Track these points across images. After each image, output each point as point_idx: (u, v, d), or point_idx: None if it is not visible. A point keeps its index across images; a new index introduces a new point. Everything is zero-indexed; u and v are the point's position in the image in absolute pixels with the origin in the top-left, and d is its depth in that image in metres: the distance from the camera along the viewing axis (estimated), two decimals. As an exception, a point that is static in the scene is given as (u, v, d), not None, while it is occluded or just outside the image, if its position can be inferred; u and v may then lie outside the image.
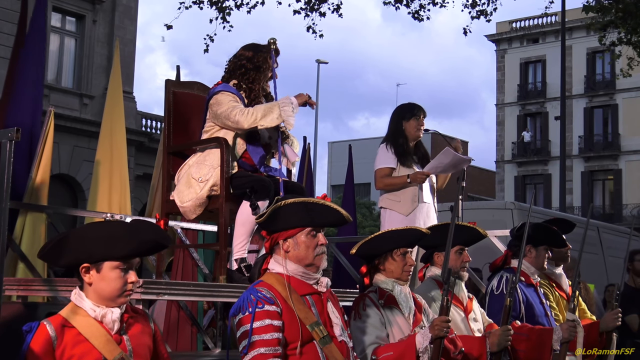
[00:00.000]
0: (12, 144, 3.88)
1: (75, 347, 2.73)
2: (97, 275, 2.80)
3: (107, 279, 2.80)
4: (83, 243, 2.80)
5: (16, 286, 4.38)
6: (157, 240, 2.91)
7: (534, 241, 4.86)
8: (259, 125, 4.58)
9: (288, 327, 3.15)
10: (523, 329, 4.46)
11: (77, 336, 2.75)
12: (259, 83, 4.83)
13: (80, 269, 2.81)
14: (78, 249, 2.80)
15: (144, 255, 2.91)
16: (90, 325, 2.78)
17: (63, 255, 2.82)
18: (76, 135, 18.05)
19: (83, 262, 2.80)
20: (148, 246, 2.90)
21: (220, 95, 4.72)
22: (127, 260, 2.82)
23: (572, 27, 33.80)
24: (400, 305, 3.85)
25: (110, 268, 2.80)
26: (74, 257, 2.81)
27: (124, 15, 19.77)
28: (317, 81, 29.81)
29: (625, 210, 33.95)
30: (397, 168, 5.83)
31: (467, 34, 13.74)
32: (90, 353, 2.75)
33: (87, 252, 2.79)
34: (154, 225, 2.97)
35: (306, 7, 13.49)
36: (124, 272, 2.82)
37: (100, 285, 2.80)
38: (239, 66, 4.82)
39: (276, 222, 3.30)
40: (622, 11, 13.03)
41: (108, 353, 2.76)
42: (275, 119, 4.57)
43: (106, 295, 2.81)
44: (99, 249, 2.78)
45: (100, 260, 2.79)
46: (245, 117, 4.58)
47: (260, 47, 4.86)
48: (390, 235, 3.97)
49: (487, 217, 10.51)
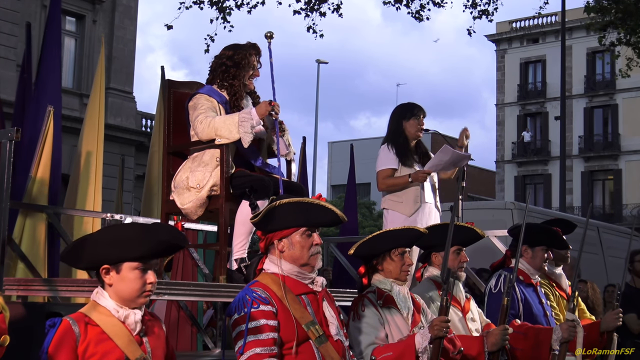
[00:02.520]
0: (12, 144, 3.89)
1: (99, 345, 2.77)
2: (117, 276, 2.85)
3: (126, 280, 2.85)
4: (102, 245, 2.86)
5: (16, 286, 4.38)
6: (173, 241, 2.95)
7: (530, 241, 4.86)
8: (217, 139, 4.62)
9: (284, 327, 3.16)
10: (522, 328, 4.45)
11: (101, 334, 2.79)
12: (240, 80, 4.88)
13: (101, 270, 2.87)
14: (97, 251, 2.86)
15: (160, 256, 2.97)
16: (113, 324, 2.83)
17: (83, 257, 2.88)
18: (76, 135, 17.93)
19: (103, 264, 2.85)
20: (164, 247, 2.95)
21: (196, 100, 4.79)
22: (145, 261, 2.87)
23: (572, 27, 33.78)
24: (399, 305, 3.85)
25: (129, 269, 2.85)
26: (93, 259, 2.88)
27: (124, 15, 19.76)
28: (317, 81, 29.86)
29: (625, 210, 33.94)
30: (398, 168, 5.82)
31: (472, 35, 13.73)
32: (113, 352, 2.79)
33: (105, 253, 2.85)
34: (170, 227, 3.04)
35: (306, 7, 13.49)
36: (142, 272, 2.86)
37: (120, 286, 2.85)
38: (220, 64, 4.91)
39: (271, 223, 3.31)
40: (622, 11, 13.04)
41: (130, 353, 2.80)
42: (233, 135, 4.58)
43: (126, 295, 2.86)
44: (117, 250, 2.84)
45: (119, 261, 2.84)
46: (203, 129, 4.66)
47: (240, 45, 4.95)
48: (388, 235, 3.96)
49: (487, 217, 10.53)
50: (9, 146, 3.92)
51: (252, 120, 4.57)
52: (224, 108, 4.83)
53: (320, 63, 29.99)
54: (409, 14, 13.57)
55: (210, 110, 4.72)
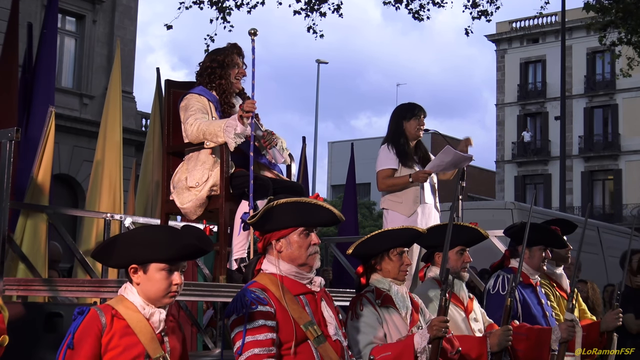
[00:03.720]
0: (12, 144, 3.89)
1: (123, 339, 2.84)
2: (144, 276, 2.93)
3: (153, 280, 2.93)
4: (131, 245, 2.95)
5: (16, 286, 4.38)
6: (198, 245, 3.03)
7: (528, 241, 4.85)
8: (206, 142, 4.71)
9: (282, 327, 3.16)
10: (522, 329, 4.45)
11: (126, 328, 2.87)
12: (226, 79, 4.99)
13: (129, 269, 2.95)
14: (126, 251, 2.94)
15: (187, 259, 3.04)
16: (139, 320, 2.90)
17: (113, 256, 2.97)
18: (76, 135, 18.05)
19: (131, 263, 2.94)
20: (190, 250, 3.02)
21: (187, 100, 4.88)
22: (172, 263, 2.95)
23: (572, 27, 33.78)
24: (397, 305, 3.85)
25: (156, 270, 2.93)
26: (123, 258, 2.96)
27: (124, 15, 19.77)
28: (317, 81, 29.87)
29: (625, 210, 33.94)
30: (398, 168, 5.82)
31: (469, 35, 13.76)
32: (135, 347, 2.86)
33: (134, 253, 2.93)
34: (198, 231, 3.10)
35: (306, 7, 13.49)
36: (169, 273, 2.94)
37: (147, 286, 2.93)
38: (205, 68, 5.03)
39: (269, 223, 3.31)
40: (623, 11, 13.04)
41: (152, 350, 2.87)
42: (219, 140, 4.66)
43: (152, 295, 2.93)
44: (145, 251, 2.92)
45: (147, 262, 2.93)
46: (192, 132, 4.75)
47: (221, 48, 5.11)
48: (386, 234, 3.96)
49: (487, 217, 10.52)
50: (9, 146, 3.92)
51: (237, 127, 4.61)
52: (215, 106, 4.90)
53: (320, 63, 30.02)
54: (409, 13, 13.58)
55: (200, 112, 4.80)
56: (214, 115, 4.86)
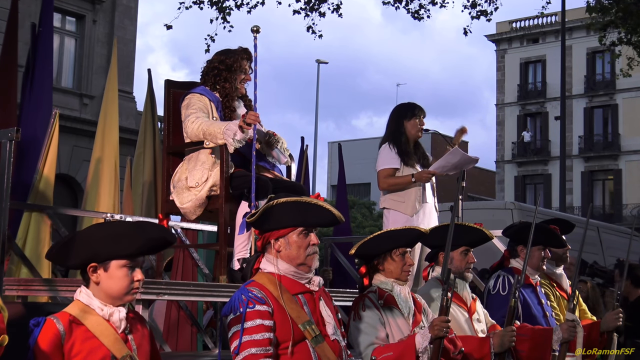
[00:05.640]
0: (12, 144, 3.88)
1: (84, 344, 2.80)
2: (105, 274, 2.88)
3: (114, 278, 2.88)
4: (90, 243, 2.89)
5: (16, 286, 4.38)
6: (165, 237, 3.00)
7: (525, 241, 4.85)
8: (205, 142, 4.71)
9: (279, 327, 3.15)
10: (523, 329, 4.45)
11: (86, 333, 2.82)
12: (232, 82, 4.97)
13: (88, 268, 2.90)
14: (86, 249, 2.89)
15: (149, 253, 3.02)
16: (99, 323, 2.86)
17: (71, 255, 2.91)
18: (76, 135, 18.03)
19: (91, 262, 2.88)
20: (155, 243, 2.99)
21: (188, 99, 4.87)
22: (133, 259, 2.90)
23: (572, 27, 33.79)
24: (400, 305, 3.85)
25: (117, 267, 2.88)
26: (82, 257, 2.90)
27: (124, 15, 19.76)
28: (317, 82, 29.87)
29: (625, 210, 33.94)
30: (400, 168, 5.81)
31: (468, 34, 13.77)
32: (98, 350, 2.81)
33: (94, 251, 2.88)
34: (158, 225, 3.06)
35: (306, 7, 13.49)
36: (130, 270, 2.90)
37: (108, 284, 2.88)
38: (212, 68, 5.00)
39: (268, 222, 3.30)
40: (623, 11, 13.04)
41: (117, 351, 2.83)
42: (217, 141, 4.66)
43: (114, 293, 2.89)
44: (107, 247, 2.87)
45: (108, 259, 2.87)
46: (192, 130, 4.74)
47: (232, 50, 5.05)
48: (389, 235, 3.96)
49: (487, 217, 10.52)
50: (9, 146, 3.92)
51: (237, 134, 4.61)
52: (216, 106, 4.90)
53: (320, 63, 30.02)
54: (408, 13, 13.58)
55: (201, 111, 4.80)
56: (215, 116, 4.87)
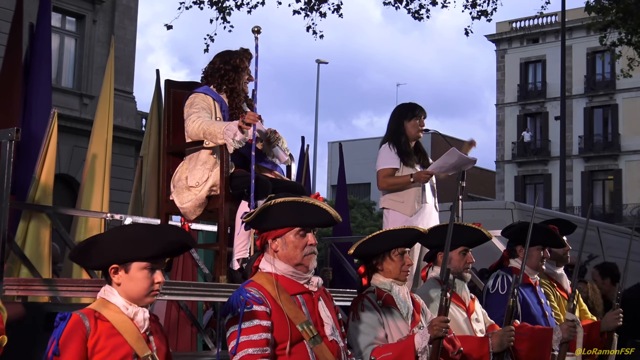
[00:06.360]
0: (12, 144, 3.89)
1: (109, 340, 2.82)
2: (126, 275, 2.91)
3: (135, 279, 2.90)
4: (112, 245, 2.92)
5: (16, 286, 4.38)
6: (183, 241, 3.02)
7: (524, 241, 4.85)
8: (205, 141, 4.72)
9: (277, 327, 3.15)
10: (523, 329, 4.45)
11: (111, 329, 2.85)
12: (239, 83, 4.99)
13: (110, 269, 2.92)
14: (107, 251, 2.91)
15: (170, 256, 3.04)
16: (123, 321, 2.88)
17: (93, 257, 2.94)
18: (76, 135, 18.02)
19: (112, 263, 2.91)
20: (174, 247, 3.01)
21: (192, 99, 4.87)
22: (154, 261, 2.93)
23: (572, 27, 33.78)
24: (399, 305, 3.84)
25: (138, 268, 2.90)
26: (103, 259, 2.93)
27: (124, 15, 19.76)
28: (317, 81, 29.87)
29: (625, 210, 33.94)
30: (400, 168, 5.81)
31: (469, 35, 13.76)
32: (122, 347, 2.84)
33: (115, 253, 2.90)
34: (178, 228, 3.09)
35: (306, 7, 13.48)
36: (151, 272, 2.92)
37: (128, 285, 2.91)
38: (217, 69, 4.99)
39: (265, 221, 3.29)
40: (623, 11, 13.05)
41: (139, 350, 2.86)
42: (217, 141, 4.68)
43: (134, 295, 2.91)
44: (128, 250, 2.90)
45: (129, 261, 2.90)
46: (193, 128, 4.76)
47: (234, 51, 5.06)
48: (388, 235, 3.96)
49: (487, 217, 10.50)
50: (9, 146, 3.92)
51: (236, 135, 4.62)
52: (220, 106, 4.90)
53: (320, 63, 30.02)
54: (408, 12, 13.57)
55: (203, 111, 4.80)
56: (219, 116, 4.87)
